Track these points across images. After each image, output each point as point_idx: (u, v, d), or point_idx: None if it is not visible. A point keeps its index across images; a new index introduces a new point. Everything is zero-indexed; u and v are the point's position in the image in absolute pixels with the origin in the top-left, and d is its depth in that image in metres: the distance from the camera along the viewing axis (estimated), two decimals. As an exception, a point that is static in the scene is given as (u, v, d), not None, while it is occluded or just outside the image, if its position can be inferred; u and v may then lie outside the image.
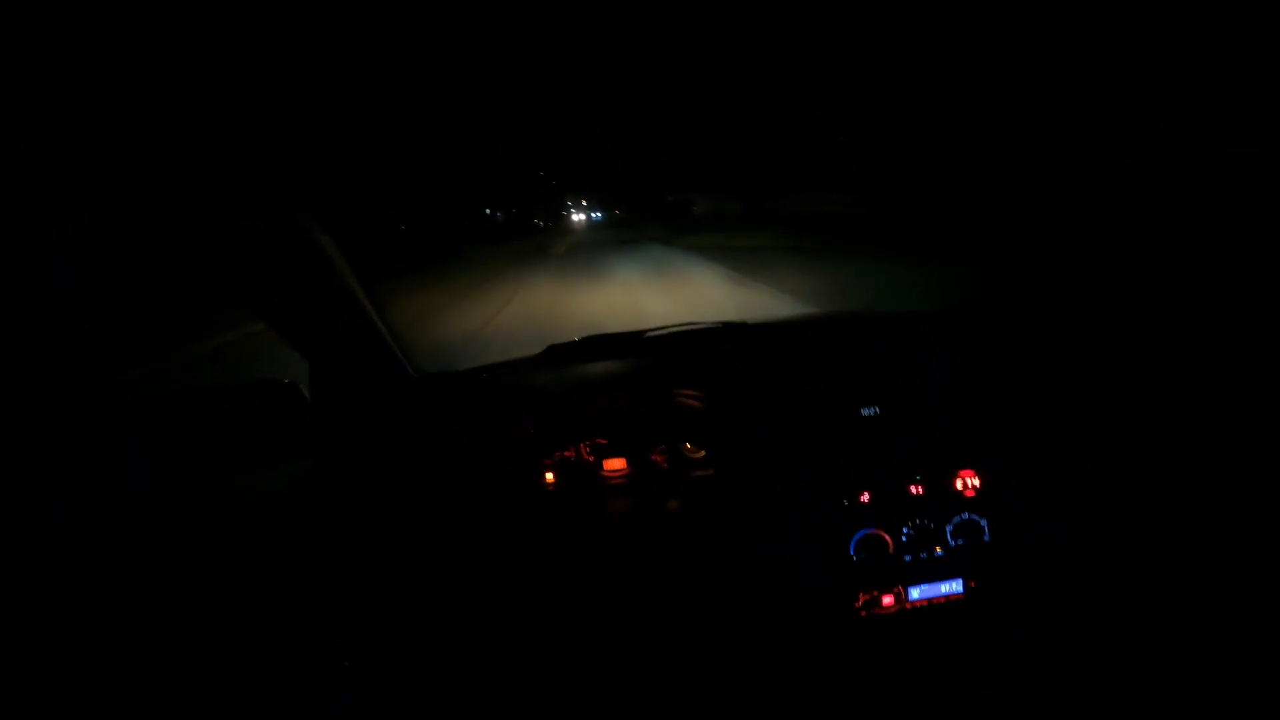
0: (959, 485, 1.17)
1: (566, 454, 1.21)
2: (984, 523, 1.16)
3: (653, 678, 1.17)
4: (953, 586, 1.17)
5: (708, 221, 24.50)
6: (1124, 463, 1.16)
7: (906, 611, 1.17)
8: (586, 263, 13.30)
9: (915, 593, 1.17)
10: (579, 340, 1.39)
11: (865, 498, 1.16)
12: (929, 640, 1.17)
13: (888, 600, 1.17)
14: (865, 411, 1.19)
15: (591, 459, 1.21)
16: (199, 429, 1.05)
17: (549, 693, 1.16)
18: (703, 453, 1.20)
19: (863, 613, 1.16)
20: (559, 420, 1.21)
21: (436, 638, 1.17)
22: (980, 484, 1.17)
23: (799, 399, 1.19)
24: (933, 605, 1.17)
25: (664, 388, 1.23)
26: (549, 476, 1.20)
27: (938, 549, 1.17)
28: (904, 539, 1.16)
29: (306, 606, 1.05)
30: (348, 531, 1.14)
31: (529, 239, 26.07)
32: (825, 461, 1.17)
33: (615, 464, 1.21)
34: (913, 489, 1.16)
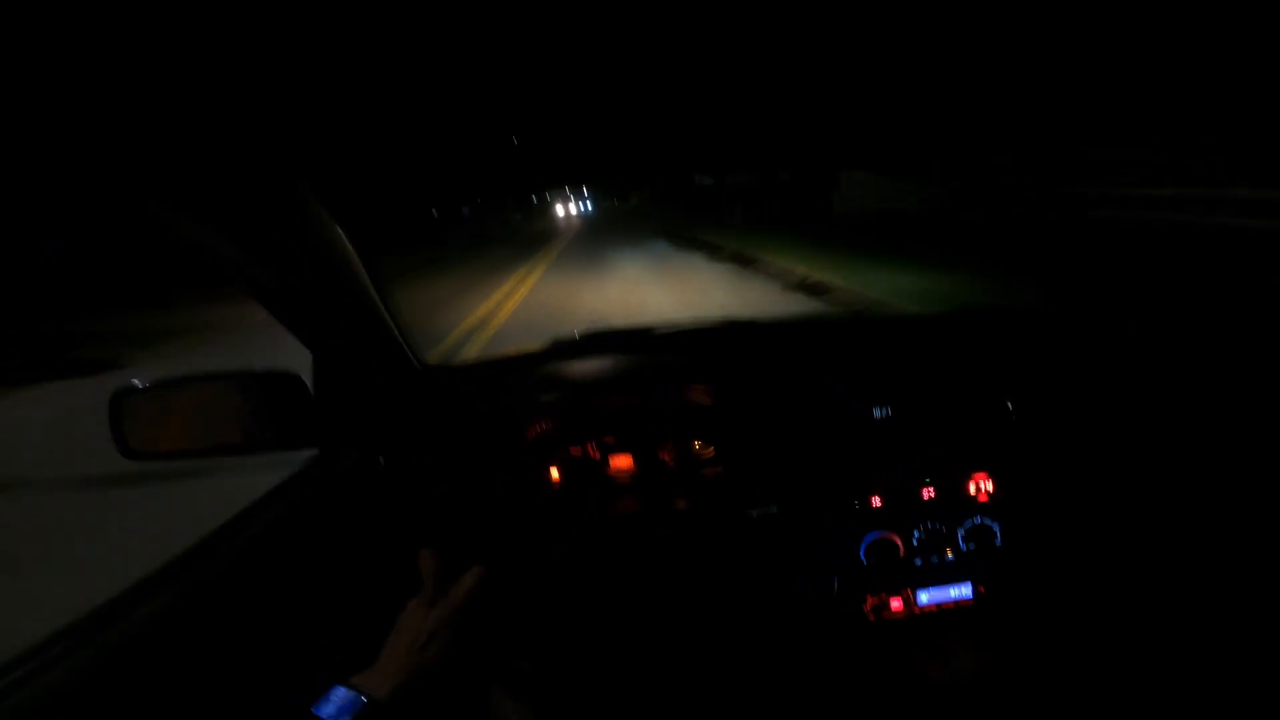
0: (971, 489, 1.15)
1: (573, 451, 1.19)
2: (996, 527, 1.14)
3: (659, 678, 1.15)
4: (962, 591, 1.16)
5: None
6: (1140, 468, 1.15)
7: (915, 616, 1.15)
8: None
9: (924, 597, 1.15)
10: (584, 335, 1.37)
11: (876, 500, 1.14)
12: (937, 645, 1.16)
13: (896, 604, 1.15)
14: (877, 413, 1.17)
15: (598, 456, 1.19)
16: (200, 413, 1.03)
17: (554, 690, 1.15)
18: (712, 451, 1.18)
19: (870, 616, 1.15)
20: (566, 417, 1.19)
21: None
22: (994, 488, 1.15)
23: (810, 398, 1.17)
24: (942, 610, 1.16)
25: (673, 384, 1.21)
26: (554, 473, 1.18)
27: (948, 553, 1.15)
28: (915, 542, 1.14)
29: (307, 597, 1.03)
30: (349, 523, 1.12)
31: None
32: (836, 462, 1.15)
33: (622, 461, 1.19)
34: (924, 492, 1.15)
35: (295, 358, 1.04)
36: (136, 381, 0.95)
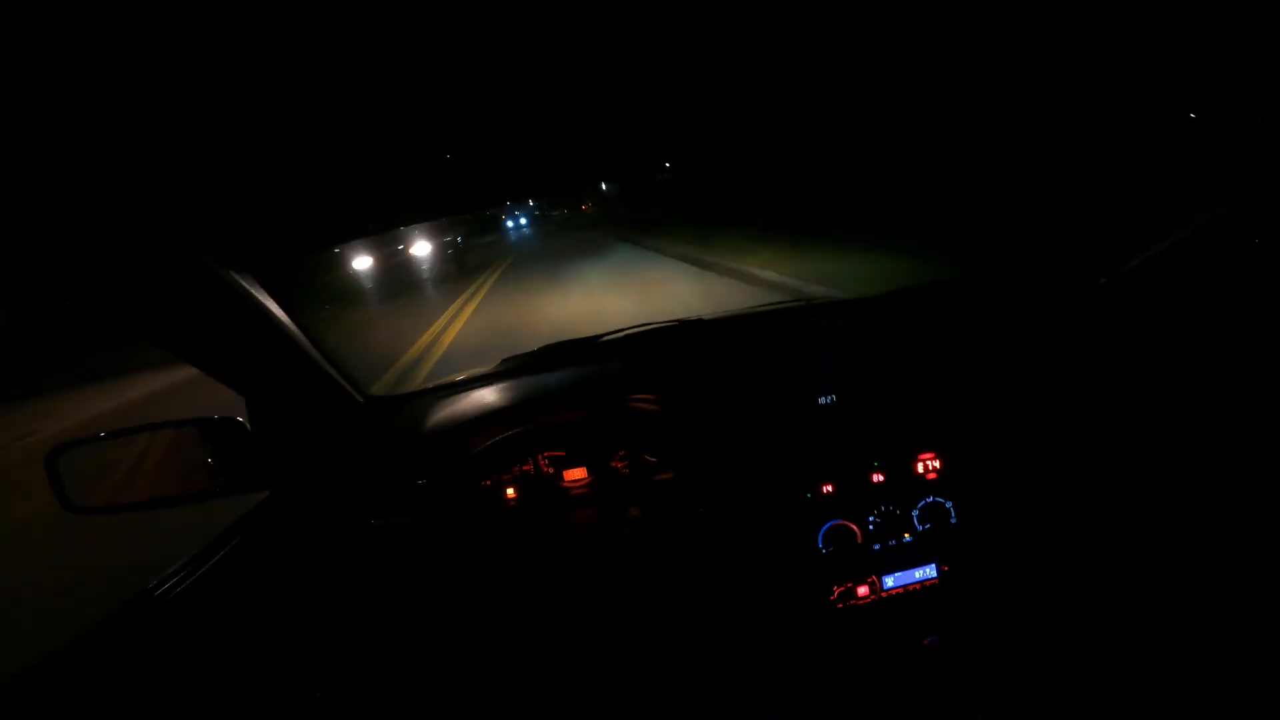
0: (920, 469, 1.14)
1: (526, 467, 1.19)
2: (949, 505, 1.13)
3: (628, 683, 1.15)
4: (926, 572, 1.15)
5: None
6: (1080, 436, 1.14)
7: (883, 600, 1.14)
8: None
9: (890, 581, 1.14)
10: (535, 351, 1.38)
11: (828, 489, 1.14)
12: (908, 628, 1.14)
13: (862, 591, 1.14)
14: (822, 400, 1.17)
15: (551, 470, 1.20)
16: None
17: (524, 703, 1.14)
18: (660, 457, 1.18)
19: (839, 605, 1.14)
20: (516, 435, 1.19)
21: (407, 660, 1.15)
22: (941, 465, 1.14)
23: (754, 392, 1.18)
24: (909, 592, 1.15)
25: (620, 395, 1.21)
26: (510, 491, 1.18)
27: (906, 535, 1.14)
28: (871, 527, 1.14)
29: (272, 634, 1.03)
30: (307, 561, 1.12)
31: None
32: (785, 454, 1.15)
33: (576, 474, 1.19)
34: (874, 476, 1.14)
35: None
36: (72, 437, 0.96)
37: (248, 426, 1.04)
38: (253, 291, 0.86)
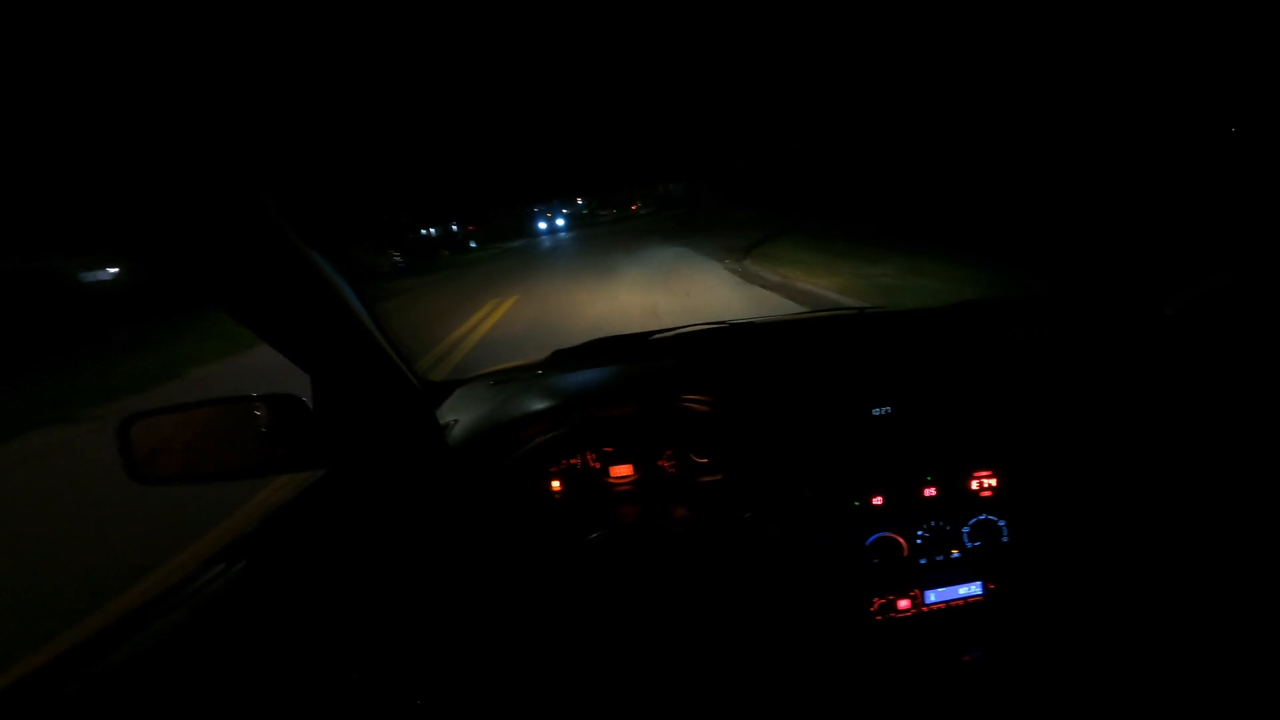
0: (974, 486, 1.13)
1: (573, 461, 1.20)
2: (1002, 524, 1.12)
3: (666, 684, 1.15)
4: (971, 589, 1.14)
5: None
6: (1141, 460, 1.12)
7: (923, 615, 1.14)
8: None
9: (932, 596, 1.14)
10: (585, 344, 1.38)
11: (878, 500, 1.13)
12: (948, 643, 1.14)
13: (903, 604, 1.14)
14: (876, 411, 1.16)
15: (598, 466, 1.20)
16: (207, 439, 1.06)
17: (561, 698, 1.15)
18: (709, 459, 1.18)
19: (878, 617, 1.14)
20: (565, 428, 1.20)
21: (447, 646, 1.17)
22: (998, 484, 1.13)
23: (807, 399, 1.17)
24: (951, 608, 1.14)
25: (670, 393, 1.21)
26: (555, 484, 1.19)
27: (954, 551, 1.13)
28: (919, 541, 1.13)
29: (316, 615, 1.05)
30: (357, 541, 1.14)
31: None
32: (835, 464, 1.14)
33: (622, 470, 1.20)
34: (926, 491, 1.13)
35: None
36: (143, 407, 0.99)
37: (310, 405, 1.05)
38: (326, 270, 0.87)
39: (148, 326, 13.56)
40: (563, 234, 27.54)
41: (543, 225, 28.10)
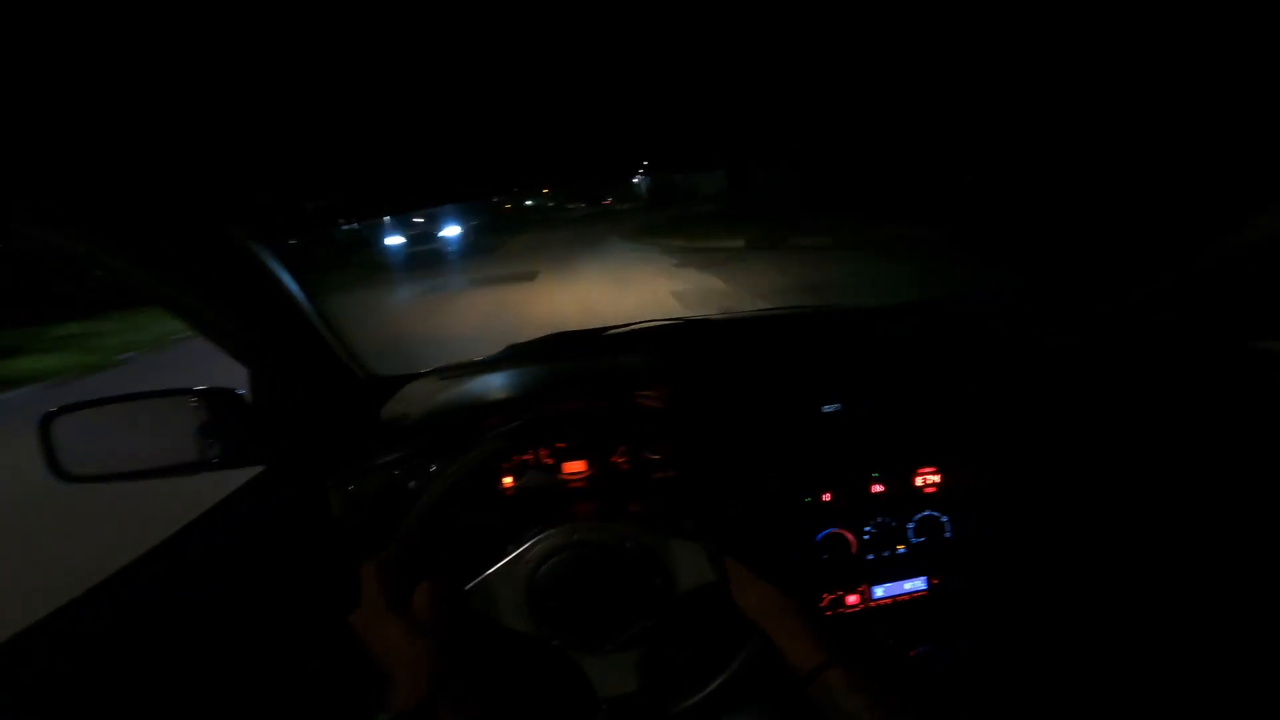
0: (919, 482, 1.16)
1: (525, 457, 1.18)
2: (945, 519, 1.15)
3: (617, 679, 1.15)
4: (916, 584, 1.17)
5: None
6: (1083, 457, 1.16)
7: (870, 610, 1.16)
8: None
9: (879, 591, 1.16)
10: (540, 339, 1.36)
11: (827, 497, 1.15)
12: (895, 638, 1.16)
13: (852, 600, 1.16)
14: (826, 408, 1.17)
15: (551, 461, 1.19)
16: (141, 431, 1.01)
17: (515, 698, 1.14)
18: (662, 455, 1.18)
19: (828, 612, 1.15)
20: (527, 423, 1.18)
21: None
22: (940, 480, 1.16)
23: (760, 396, 1.18)
24: (896, 603, 1.16)
25: (625, 389, 1.21)
26: (507, 480, 1.17)
27: (900, 547, 1.16)
28: (866, 537, 1.15)
29: (253, 613, 1.02)
30: (297, 536, 1.11)
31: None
32: (786, 459, 1.16)
33: (575, 466, 1.19)
34: (874, 487, 1.15)
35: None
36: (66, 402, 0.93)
37: (247, 399, 1.01)
38: (267, 262, 0.84)
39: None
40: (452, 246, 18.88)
41: (396, 240, 17.26)
